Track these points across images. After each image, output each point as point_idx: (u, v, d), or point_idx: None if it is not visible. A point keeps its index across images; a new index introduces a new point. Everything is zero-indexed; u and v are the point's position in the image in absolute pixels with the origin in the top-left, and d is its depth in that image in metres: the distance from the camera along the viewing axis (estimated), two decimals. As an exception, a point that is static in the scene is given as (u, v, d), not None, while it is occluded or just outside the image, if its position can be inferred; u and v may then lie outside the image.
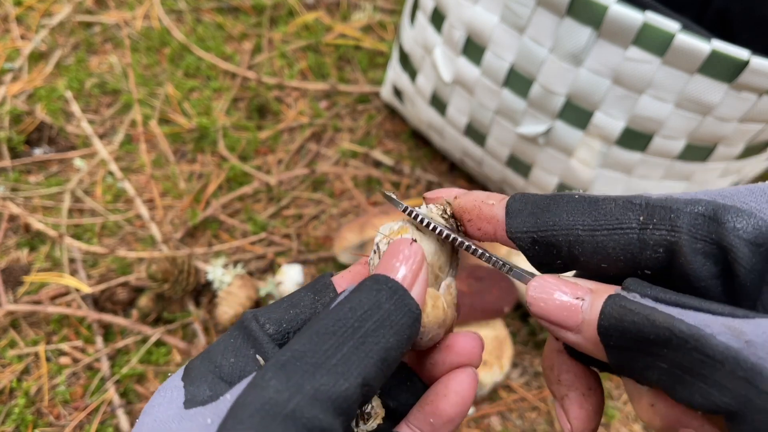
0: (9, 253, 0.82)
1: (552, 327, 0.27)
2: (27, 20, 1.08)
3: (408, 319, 0.27)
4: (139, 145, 0.94)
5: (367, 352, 0.25)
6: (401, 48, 0.88)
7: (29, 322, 0.77)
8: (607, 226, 0.27)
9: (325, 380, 0.24)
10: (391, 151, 0.96)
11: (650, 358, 0.24)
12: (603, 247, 0.27)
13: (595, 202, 0.27)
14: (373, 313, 0.26)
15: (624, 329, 0.24)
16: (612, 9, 0.58)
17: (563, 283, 0.27)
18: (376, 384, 0.25)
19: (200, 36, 1.08)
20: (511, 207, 0.30)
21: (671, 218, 0.25)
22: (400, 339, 0.26)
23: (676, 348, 0.22)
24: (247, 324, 0.29)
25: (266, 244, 0.85)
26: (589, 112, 0.66)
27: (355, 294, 0.27)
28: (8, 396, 0.71)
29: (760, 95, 0.59)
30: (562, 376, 0.30)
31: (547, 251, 0.29)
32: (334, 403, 0.24)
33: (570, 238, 0.27)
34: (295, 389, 0.23)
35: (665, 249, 0.25)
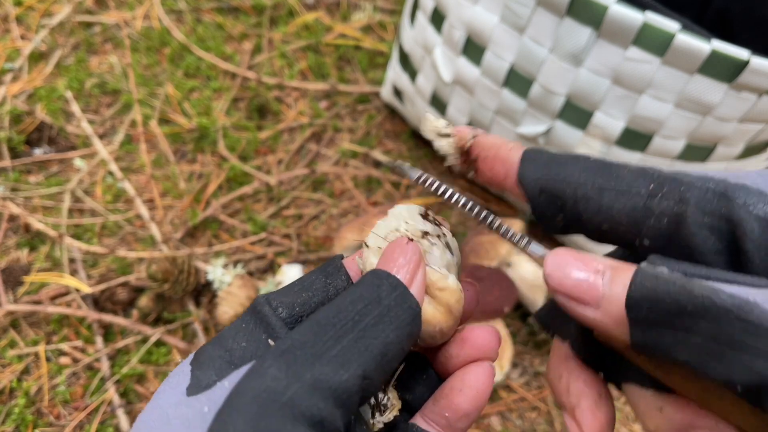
0: (9, 253, 0.82)
1: (570, 303, 0.26)
2: (27, 20, 1.08)
3: (408, 315, 0.27)
4: (139, 145, 0.94)
5: (366, 345, 0.25)
6: (401, 48, 0.88)
7: (29, 322, 0.77)
8: (616, 188, 0.27)
9: (325, 370, 0.24)
10: (391, 151, 0.96)
11: (682, 332, 0.22)
12: (608, 208, 0.27)
13: (609, 165, 0.28)
14: (373, 307, 0.26)
15: (657, 300, 0.23)
16: (612, 9, 0.58)
17: (582, 256, 0.27)
18: (376, 378, 0.25)
19: (200, 36, 1.08)
20: (527, 154, 0.30)
21: (681, 190, 0.25)
22: (399, 335, 0.26)
23: (716, 319, 0.21)
24: (260, 308, 0.29)
25: (266, 244, 0.85)
26: (589, 112, 0.66)
27: (356, 288, 0.27)
28: (8, 396, 0.71)
29: (760, 95, 0.59)
30: (572, 384, 0.29)
31: (551, 202, 0.28)
32: (333, 393, 0.23)
33: (577, 194, 0.27)
34: (293, 377, 0.23)
35: (669, 220, 0.25)
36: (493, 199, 0.91)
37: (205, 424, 0.23)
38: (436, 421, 0.30)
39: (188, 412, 0.24)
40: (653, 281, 0.23)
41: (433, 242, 0.30)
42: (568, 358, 0.30)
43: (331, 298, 0.30)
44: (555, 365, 0.31)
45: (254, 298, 0.30)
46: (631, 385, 0.28)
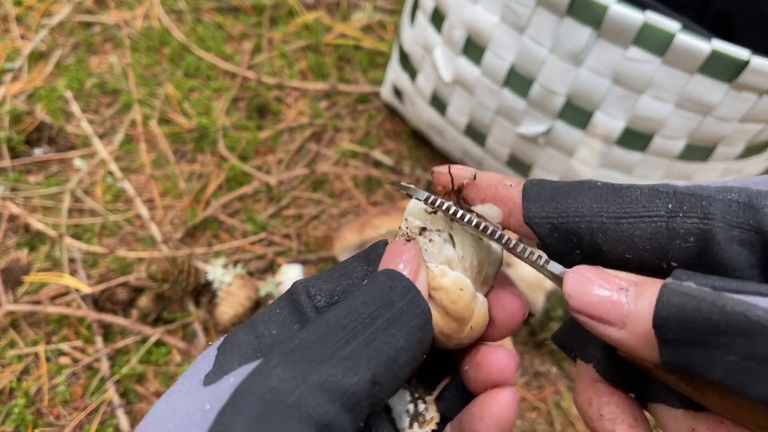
0: (9, 253, 0.82)
1: (592, 323, 0.25)
2: (27, 20, 1.08)
3: (419, 321, 0.26)
4: (139, 145, 0.94)
5: (377, 349, 0.24)
6: (401, 48, 0.88)
7: (29, 322, 0.77)
8: (633, 214, 0.25)
9: (334, 372, 0.23)
10: (391, 151, 0.96)
11: (716, 351, 0.21)
12: (629, 235, 0.25)
13: (619, 190, 0.26)
14: (385, 310, 0.25)
15: (687, 318, 0.22)
16: (612, 9, 0.58)
17: (604, 274, 0.25)
18: (386, 384, 0.24)
19: (200, 36, 1.08)
20: (528, 191, 0.28)
21: (703, 206, 0.24)
22: (410, 341, 0.25)
23: (752, 336, 0.20)
24: (297, 297, 0.27)
25: (266, 244, 0.85)
26: (590, 112, 0.66)
27: (369, 287, 0.26)
28: (8, 396, 0.71)
29: (760, 95, 0.59)
30: (604, 409, 0.28)
31: (566, 239, 0.27)
32: (342, 397, 0.23)
33: (593, 226, 0.26)
34: (300, 378, 0.22)
35: (696, 238, 0.24)
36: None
37: (206, 422, 0.22)
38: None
39: (191, 406, 0.23)
40: (681, 298, 0.22)
41: (431, 238, 0.29)
42: (595, 381, 0.29)
43: None
44: (583, 390, 0.29)
45: (293, 283, 0.28)
46: (660, 405, 0.27)
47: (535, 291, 0.76)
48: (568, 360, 0.78)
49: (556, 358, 0.78)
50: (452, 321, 0.28)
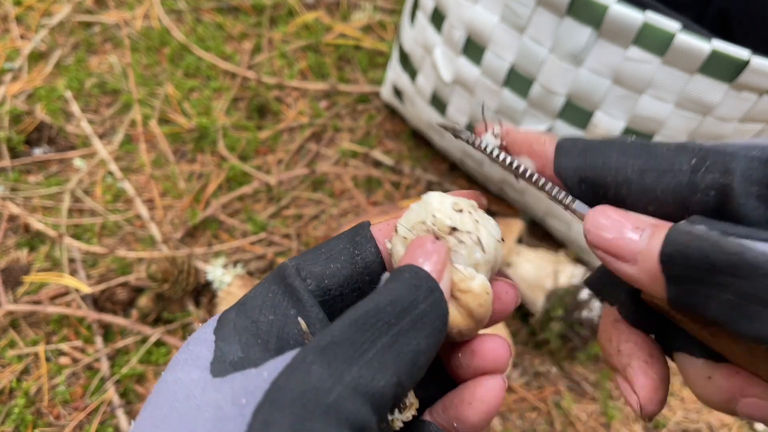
0: (9, 253, 0.82)
1: (608, 257, 0.26)
2: (27, 20, 1.08)
3: (440, 323, 0.26)
4: (139, 145, 0.94)
5: (399, 351, 0.24)
6: (401, 48, 0.88)
7: (29, 322, 0.77)
8: (657, 168, 0.26)
9: (364, 373, 0.23)
10: (391, 151, 0.96)
11: (714, 289, 0.22)
12: (652, 189, 0.26)
13: (647, 146, 0.27)
14: (410, 310, 0.25)
15: (689, 255, 0.23)
16: (612, 9, 0.58)
17: (624, 213, 0.26)
18: (407, 385, 0.25)
19: (200, 36, 1.07)
20: (561, 146, 0.29)
21: (725, 161, 0.25)
22: (430, 343, 0.25)
23: (746, 276, 0.21)
24: (290, 280, 0.27)
25: (266, 244, 0.85)
26: (590, 112, 0.66)
27: (394, 285, 0.26)
28: (8, 396, 0.71)
29: (760, 95, 0.59)
30: (622, 345, 0.29)
31: (593, 191, 0.28)
32: (371, 399, 0.23)
33: (618, 179, 0.27)
34: (336, 378, 0.22)
35: (717, 192, 0.25)
36: (493, 198, 0.91)
37: (242, 418, 0.22)
38: (446, 427, 0.29)
39: (220, 400, 0.23)
40: (686, 237, 0.23)
41: (461, 239, 0.29)
42: (617, 321, 0.30)
43: (359, 272, 0.29)
44: (604, 328, 0.31)
45: (282, 264, 0.28)
46: (682, 354, 0.28)
47: (535, 291, 0.76)
48: (567, 360, 0.78)
49: (556, 358, 0.78)
50: (473, 321, 0.28)
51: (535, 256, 0.78)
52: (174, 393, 0.24)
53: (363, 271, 0.30)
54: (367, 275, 0.30)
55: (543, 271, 0.76)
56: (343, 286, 0.29)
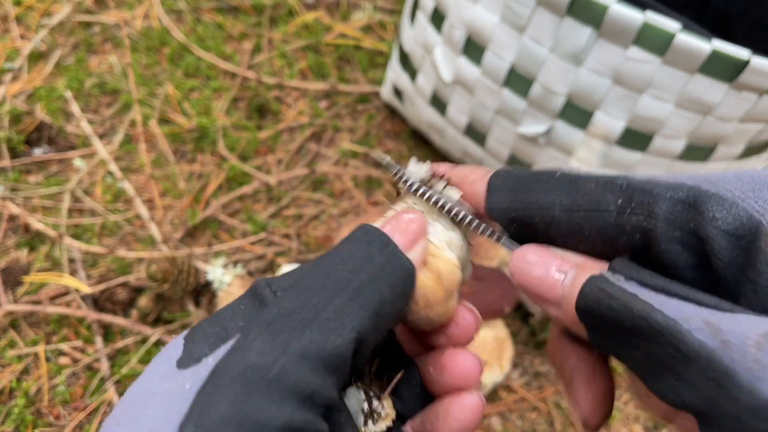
0: (9, 253, 0.82)
1: (534, 299, 0.26)
2: (27, 20, 1.08)
3: (402, 272, 0.26)
4: (139, 145, 0.94)
5: (361, 304, 0.24)
6: (401, 48, 0.88)
7: (29, 322, 0.77)
8: (584, 207, 0.26)
9: (316, 336, 0.22)
10: (391, 151, 0.96)
11: (626, 346, 0.23)
12: (579, 228, 0.26)
13: (575, 182, 0.26)
14: (365, 264, 0.25)
15: (601, 313, 0.23)
16: (612, 9, 0.58)
17: (549, 254, 0.26)
18: (370, 338, 0.24)
19: (200, 36, 1.07)
20: (492, 183, 0.29)
21: (649, 203, 0.24)
22: (393, 292, 0.25)
23: (651, 339, 0.21)
24: (260, 291, 0.27)
25: (266, 244, 0.85)
26: (590, 112, 0.66)
27: (345, 245, 0.26)
28: (8, 396, 0.71)
29: (760, 95, 0.59)
30: (565, 361, 0.29)
31: (524, 230, 0.28)
32: (325, 361, 0.22)
33: (546, 218, 0.26)
34: (280, 350, 0.22)
35: (642, 235, 0.24)
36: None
37: (186, 402, 0.22)
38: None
39: (172, 387, 0.23)
40: (599, 294, 0.23)
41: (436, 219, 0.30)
42: (561, 336, 0.30)
43: None
44: (551, 343, 0.31)
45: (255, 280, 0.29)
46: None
47: (535, 291, 0.76)
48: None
49: (556, 358, 0.78)
50: (441, 290, 0.28)
51: (535, 256, 0.78)
52: (139, 388, 0.24)
53: None
54: None
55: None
56: None
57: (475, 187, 0.29)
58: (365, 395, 0.30)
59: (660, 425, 0.74)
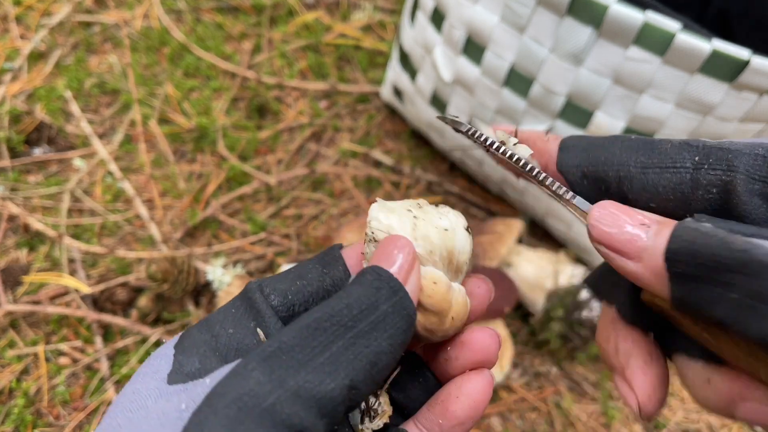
0: (8, 253, 0.82)
1: (611, 254, 0.26)
2: (26, 20, 1.08)
3: (404, 323, 0.26)
4: (139, 145, 0.94)
5: (356, 354, 0.24)
6: (401, 48, 0.88)
7: (28, 322, 0.77)
8: (659, 164, 0.26)
9: (311, 378, 0.23)
10: (391, 151, 0.96)
11: (720, 288, 0.22)
12: (653, 184, 0.26)
13: (650, 142, 0.27)
14: (369, 312, 0.25)
15: (696, 252, 0.22)
16: (612, 9, 0.57)
17: (628, 210, 0.26)
18: (364, 388, 0.24)
19: (200, 36, 1.07)
20: (565, 143, 0.29)
21: (728, 158, 0.24)
22: (393, 344, 0.25)
23: (755, 274, 0.21)
24: (251, 294, 0.27)
25: (266, 244, 0.85)
26: (590, 111, 0.66)
27: (354, 288, 0.26)
28: (8, 396, 0.71)
29: (760, 95, 0.58)
30: (620, 345, 0.29)
31: (596, 186, 0.28)
32: (318, 403, 0.23)
33: (620, 174, 0.27)
34: (277, 383, 0.22)
35: (719, 189, 0.24)
36: (493, 198, 0.91)
37: (181, 422, 0.22)
38: (429, 428, 0.29)
39: (166, 407, 0.23)
40: (693, 234, 0.23)
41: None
42: (615, 320, 0.30)
43: (327, 289, 0.29)
44: (603, 328, 0.30)
45: (248, 283, 0.28)
46: (681, 356, 0.28)
47: (535, 291, 0.76)
48: (568, 360, 0.78)
49: (557, 359, 0.78)
50: (432, 315, 0.28)
51: (535, 256, 0.78)
52: (130, 403, 0.25)
53: (331, 289, 0.29)
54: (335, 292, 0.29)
55: (543, 272, 0.75)
56: (309, 302, 0.29)
57: (547, 145, 0.30)
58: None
59: (660, 425, 0.74)
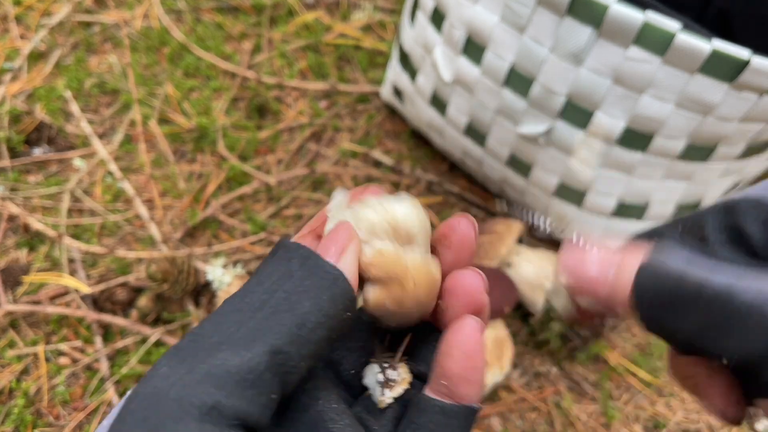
0: (8, 253, 0.82)
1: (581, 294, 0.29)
2: (26, 20, 1.08)
3: (325, 280, 0.25)
4: (139, 145, 0.94)
5: (276, 321, 0.24)
6: (401, 48, 0.88)
7: (28, 322, 0.77)
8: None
9: (223, 355, 0.22)
10: (391, 151, 0.96)
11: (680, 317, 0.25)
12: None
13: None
14: (283, 282, 0.25)
15: (656, 290, 0.26)
16: (612, 8, 0.57)
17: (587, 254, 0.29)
18: (294, 350, 0.24)
19: (200, 36, 1.07)
20: (640, 284, 0.27)
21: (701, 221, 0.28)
22: (317, 301, 0.25)
23: (704, 307, 0.24)
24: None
25: (266, 244, 0.85)
26: (590, 111, 0.66)
27: (263, 266, 0.26)
28: (7, 396, 0.71)
29: (761, 95, 0.58)
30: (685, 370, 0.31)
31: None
32: (234, 377, 0.22)
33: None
34: (185, 371, 0.22)
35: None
36: (493, 198, 0.91)
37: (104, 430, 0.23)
38: (440, 391, 0.28)
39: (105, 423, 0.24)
40: (652, 278, 0.26)
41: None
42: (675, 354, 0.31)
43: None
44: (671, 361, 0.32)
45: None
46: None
47: (535, 291, 0.76)
48: (568, 360, 0.78)
49: (557, 359, 0.78)
50: (392, 284, 0.28)
51: (535, 256, 0.78)
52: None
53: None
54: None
55: (543, 272, 0.75)
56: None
57: (617, 267, 0.28)
58: (379, 368, 0.30)
59: (660, 425, 0.74)
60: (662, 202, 0.73)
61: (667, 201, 0.73)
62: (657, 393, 0.76)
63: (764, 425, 0.74)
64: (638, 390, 0.76)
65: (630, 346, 0.80)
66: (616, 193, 0.72)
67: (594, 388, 0.76)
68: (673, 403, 0.76)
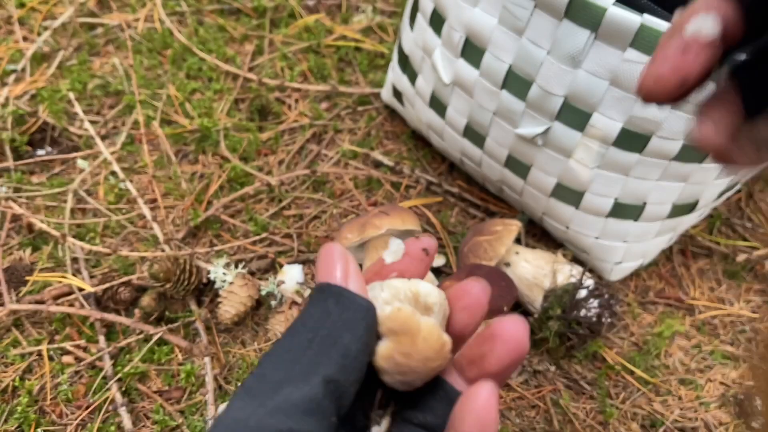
0: (12, 252, 0.83)
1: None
2: (30, 22, 1.09)
3: (357, 313, 0.29)
4: (142, 146, 0.95)
5: (325, 354, 0.27)
6: (401, 50, 0.89)
7: (32, 321, 0.78)
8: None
9: (286, 391, 0.26)
10: (391, 152, 0.97)
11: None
12: None
13: None
14: (324, 320, 0.28)
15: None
16: (610, 11, 0.58)
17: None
18: (342, 377, 0.27)
19: (202, 38, 1.08)
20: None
21: None
22: (354, 332, 0.28)
23: None
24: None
25: (267, 244, 0.86)
26: (588, 113, 0.67)
27: (305, 309, 0.29)
28: (11, 395, 0.72)
29: (755, 96, 0.59)
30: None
31: None
32: (299, 408, 0.25)
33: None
34: (258, 404, 0.25)
35: None
36: (492, 198, 0.92)
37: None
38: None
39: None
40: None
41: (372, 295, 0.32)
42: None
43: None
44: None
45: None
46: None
47: (533, 290, 0.76)
48: (566, 358, 0.79)
49: (555, 357, 0.78)
50: (403, 338, 0.30)
51: (533, 255, 0.79)
52: None
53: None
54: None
55: (541, 271, 0.76)
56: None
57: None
58: (366, 422, 0.32)
59: (657, 424, 0.75)
60: (659, 203, 0.74)
61: (663, 201, 0.74)
62: (654, 391, 0.77)
63: (759, 422, 0.74)
64: (636, 388, 0.77)
65: (627, 345, 0.81)
66: (613, 193, 0.73)
67: (592, 386, 0.77)
68: (670, 401, 0.77)
